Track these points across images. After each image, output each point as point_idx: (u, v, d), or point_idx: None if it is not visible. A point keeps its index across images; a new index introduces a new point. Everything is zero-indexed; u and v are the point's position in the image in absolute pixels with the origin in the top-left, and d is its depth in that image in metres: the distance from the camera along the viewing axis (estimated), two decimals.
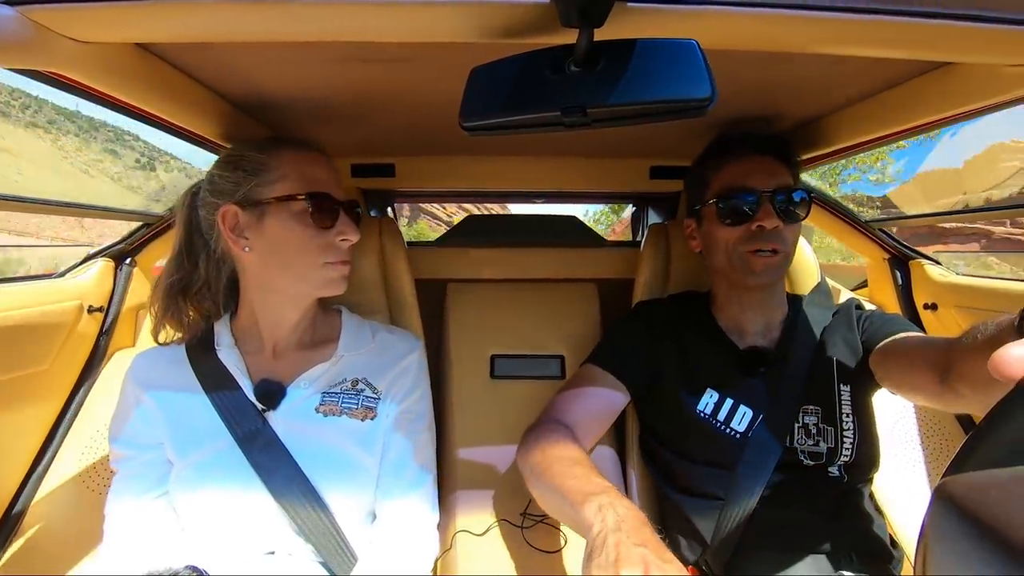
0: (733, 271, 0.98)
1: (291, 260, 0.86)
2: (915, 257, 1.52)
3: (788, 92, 0.93)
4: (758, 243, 0.94)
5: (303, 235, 0.85)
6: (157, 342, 0.93)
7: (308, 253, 0.86)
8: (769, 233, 0.93)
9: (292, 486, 0.82)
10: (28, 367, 1.14)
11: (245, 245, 0.85)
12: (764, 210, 0.93)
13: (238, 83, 0.87)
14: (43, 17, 0.54)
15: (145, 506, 0.86)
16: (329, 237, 0.87)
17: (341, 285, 0.91)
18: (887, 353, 0.90)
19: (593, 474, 0.73)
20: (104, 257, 1.38)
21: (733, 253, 0.97)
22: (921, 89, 0.83)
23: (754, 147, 0.97)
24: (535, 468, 0.81)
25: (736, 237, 0.96)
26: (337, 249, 0.88)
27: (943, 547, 0.28)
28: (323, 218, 0.86)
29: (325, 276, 0.88)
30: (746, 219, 0.94)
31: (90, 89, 0.71)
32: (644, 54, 0.51)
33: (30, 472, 1.16)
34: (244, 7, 0.53)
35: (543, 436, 0.87)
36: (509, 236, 1.73)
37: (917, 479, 1.27)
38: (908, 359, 0.85)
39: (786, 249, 0.95)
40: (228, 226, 0.85)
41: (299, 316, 0.92)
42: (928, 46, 0.60)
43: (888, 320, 0.98)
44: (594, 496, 0.66)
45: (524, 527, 1.02)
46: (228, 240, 0.85)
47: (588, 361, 1.05)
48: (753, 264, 0.95)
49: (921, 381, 0.79)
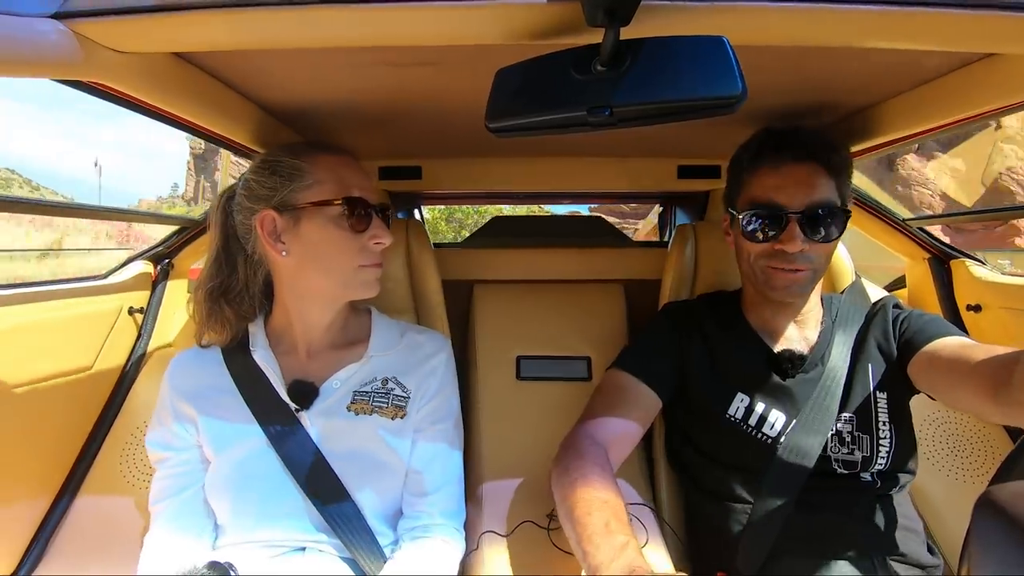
0: (756, 282, 0.96)
1: (327, 263, 0.88)
2: (957, 256, 1.46)
3: (819, 87, 0.91)
4: (780, 262, 0.90)
5: (339, 238, 0.87)
6: (201, 345, 0.95)
7: (344, 256, 0.88)
8: (791, 255, 0.89)
9: (323, 484, 0.84)
10: (70, 368, 1.19)
11: (283, 249, 0.87)
12: (788, 232, 0.88)
13: (270, 89, 0.90)
14: (86, 29, 0.57)
15: (182, 505, 0.89)
16: (363, 240, 0.88)
17: (375, 287, 0.92)
18: (930, 361, 0.86)
19: (610, 528, 0.73)
20: (144, 260, 1.44)
21: (755, 265, 0.94)
22: (963, 82, 0.79)
23: (792, 155, 0.91)
24: (564, 500, 0.81)
25: (759, 251, 0.93)
26: (371, 252, 0.90)
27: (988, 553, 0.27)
28: (358, 222, 0.87)
29: (360, 278, 0.90)
30: (769, 238, 0.91)
31: (129, 98, 0.74)
32: (672, 52, 0.51)
33: (73, 471, 1.21)
34: (276, 15, 0.54)
35: (574, 463, 0.85)
36: (535, 237, 1.73)
37: (959, 485, 1.22)
38: (956, 370, 0.81)
39: (813, 267, 0.91)
40: (266, 231, 0.87)
41: (332, 317, 0.94)
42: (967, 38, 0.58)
43: (928, 322, 0.93)
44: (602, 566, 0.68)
45: (550, 528, 1.02)
46: (266, 244, 0.87)
47: (617, 367, 1.02)
48: (774, 280, 0.92)
49: (972, 396, 0.76)
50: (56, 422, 1.17)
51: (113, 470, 1.21)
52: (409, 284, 1.21)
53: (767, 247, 0.91)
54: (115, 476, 1.20)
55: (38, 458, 1.14)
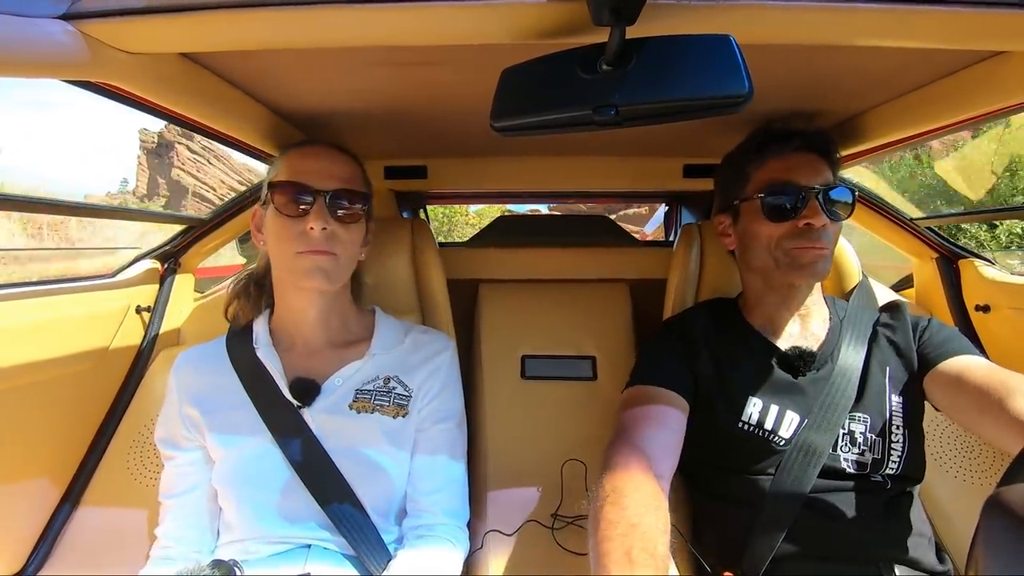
0: (777, 268, 0.95)
1: (274, 250, 0.91)
2: (965, 256, 1.45)
3: (828, 87, 0.90)
4: (804, 241, 0.91)
5: (278, 226, 0.88)
6: (228, 320, 1.01)
7: (282, 243, 0.88)
8: (816, 231, 0.90)
9: (326, 481, 0.85)
10: (79, 365, 1.20)
11: (261, 240, 0.93)
12: (811, 207, 0.90)
13: (277, 90, 0.90)
14: (94, 30, 0.57)
15: (190, 503, 0.91)
16: (301, 226, 0.86)
17: (315, 276, 0.87)
18: (956, 382, 0.85)
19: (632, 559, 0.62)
20: (151, 258, 1.45)
21: (777, 249, 0.94)
22: (971, 80, 0.79)
23: (797, 144, 0.94)
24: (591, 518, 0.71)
25: (781, 233, 0.93)
26: (307, 238, 0.86)
27: (996, 555, 0.27)
28: (289, 206, 0.86)
29: (299, 266, 0.87)
30: (791, 215, 0.91)
31: (137, 98, 0.75)
32: (678, 50, 0.51)
33: (80, 469, 1.21)
34: (282, 16, 0.55)
35: (607, 478, 0.74)
36: (540, 236, 1.73)
37: (968, 488, 1.21)
38: (985, 400, 0.78)
39: (831, 247, 0.93)
40: (254, 224, 0.94)
41: (316, 311, 0.94)
42: (977, 35, 0.57)
43: (948, 337, 0.93)
44: None
45: (554, 528, 1.02)
46: (255, 237, 0.94)
47: (634, 383, 0.97)
48: (802, 257, 0.91)
49: (1000, 432, 0.75)
50: (64, 420, 1.18)
51: (121, 467, 1.22)
52: (414, 283, 1.21)
53: (790, 226, 0.92)
54: (123, 473, 1.21)
55: (46, 455, 1.15)
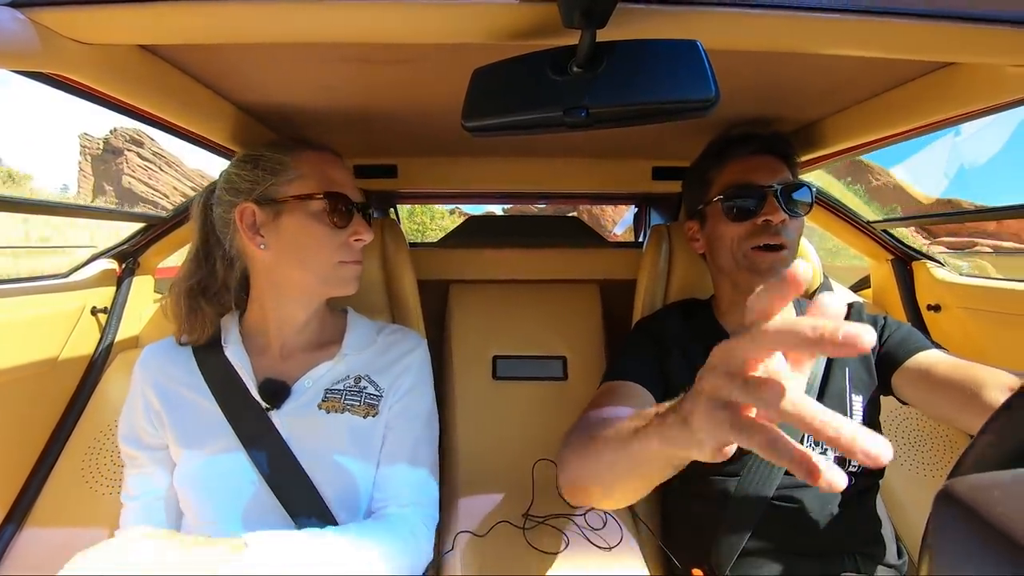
0: (739, 271, 0.98)
1: (307, 258, 0.88)
2: (918, 258, 1.51)
3: (790, 93, 0.93)
4: (764, 238, 0.93)
5: (320, 233, 0.87)
6: (180, 343, 0.94)
7: (323, 251, 0.88)
8: (775, 227, 0.93)
9: (292, 484, 0.83)
10: (32, 368, 1.14)
11: (261, 242, 0.87)
12: (769, 204, 0.93)
13: (240, 85, 0.88)
14: (46, 19, 0.55)
15: (152, 504, 0.88)
16: (343, 237, 0.89)
17: (353, 284, 0.92)
18: (924, 377, 0.88)
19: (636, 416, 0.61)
20: (108, 258, 1.39)
21: (738, 251, 0.96)
22: (924, 90, 0.82)
23: (755, 147, 0.98)
24: (583, 454, 0.69)
25: (741, 233, 0.96)
26: (351, 249, 0.90)
27: (947, 547, 0.28)
28: (339, 218, 0.88)
29: (339, 275, 0.90)
30: (751, 215, 0.94)
31: (93, 91, 0.72)
32: (647, 54, 0.52)
33: (33, 473, 1.16)
34: (245, 9, 0.53)
35: (576, 435, 0.74)
36: (511, 237, 1.73)
37: (920, 480, 1.27)
38: (957, 392, 0.81)
39: (791, 244, 0.95)
40: (245, 223, 0.87)
41: (307, 316, 0.93)
42: (930, 47, 0.60)
43: (907, 335, 0.96)
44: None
45: (526, 528, 1.02)
46: (244, 237, 0.87)
47: (606, 380, 0.97)
48: (759, 263, 0.94)
49: (974, 421, 0.77)
50: (8, 431, 1.12)
51: (73, 483, 1.17)
52: (384, 284, 1.20)
53: (749, 225, 0.95)
54: (76, 488, 1.16)
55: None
